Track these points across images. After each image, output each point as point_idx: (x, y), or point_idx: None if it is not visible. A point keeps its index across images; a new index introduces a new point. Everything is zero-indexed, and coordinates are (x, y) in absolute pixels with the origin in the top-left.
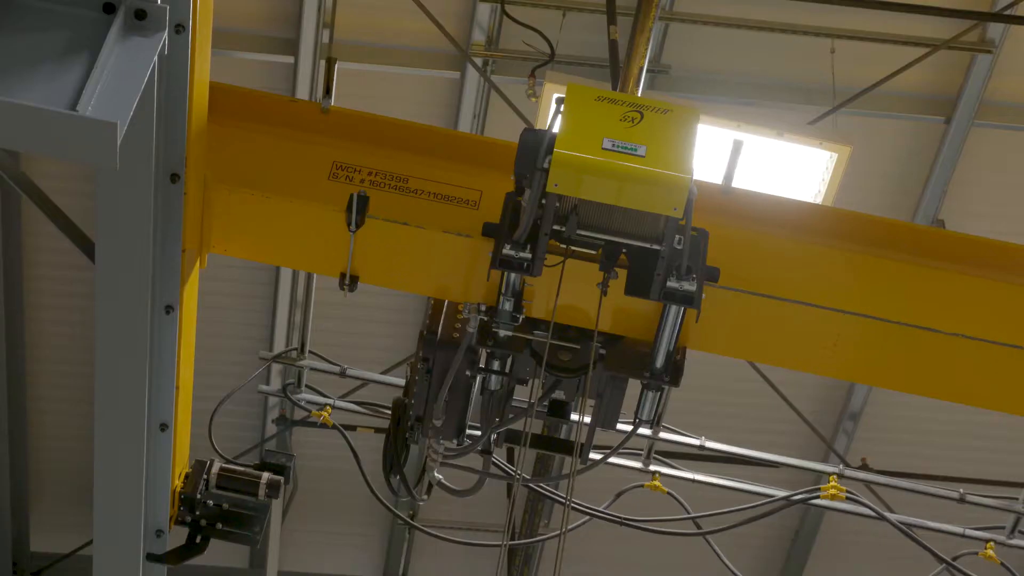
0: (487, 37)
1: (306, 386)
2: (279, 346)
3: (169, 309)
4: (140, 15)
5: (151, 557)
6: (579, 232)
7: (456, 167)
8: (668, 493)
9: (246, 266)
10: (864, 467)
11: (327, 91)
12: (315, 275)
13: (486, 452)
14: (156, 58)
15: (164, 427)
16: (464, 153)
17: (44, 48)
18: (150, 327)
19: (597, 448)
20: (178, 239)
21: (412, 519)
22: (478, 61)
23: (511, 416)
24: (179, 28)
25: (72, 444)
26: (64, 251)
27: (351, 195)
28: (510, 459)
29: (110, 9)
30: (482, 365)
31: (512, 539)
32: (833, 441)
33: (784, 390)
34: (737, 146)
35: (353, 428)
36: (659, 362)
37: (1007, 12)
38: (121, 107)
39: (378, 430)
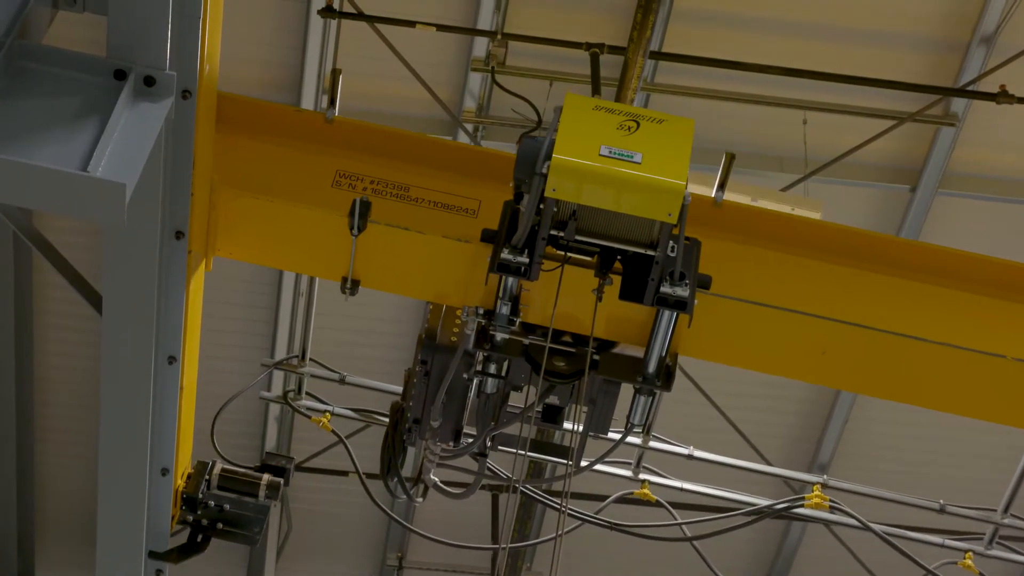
0: (478, 104)
1: (307, 393)
2: (280, 354)
3: (172, 360)
4: (149, 82)
5: (153, 555)
6: (576, 238)
7: (456, 177)
8: (657, 501)
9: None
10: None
11: (331, 102)
12: (316, 284)
13: (481, 455)
14: (163, 122)
15: (165, 472)
16: (464, 164)
17: (58, 112)
18: (153, 376)
19: (585, 458)
20: (182, 293)
21: (401, 560)
22: (469, 127)
23: (505, 420)
24: (186, 94)
25: (77, 484)
26: (72, 302)
27: (354, 200)
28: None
29: (121, 76)
30: (479, 369)
31: (499, 564)
32: (803, 491)
33: (755, 441)
34: (729, 159)
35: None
36: (651, 367)
37: (970, 88)
38: (129, 168)
39: (370, 475)
